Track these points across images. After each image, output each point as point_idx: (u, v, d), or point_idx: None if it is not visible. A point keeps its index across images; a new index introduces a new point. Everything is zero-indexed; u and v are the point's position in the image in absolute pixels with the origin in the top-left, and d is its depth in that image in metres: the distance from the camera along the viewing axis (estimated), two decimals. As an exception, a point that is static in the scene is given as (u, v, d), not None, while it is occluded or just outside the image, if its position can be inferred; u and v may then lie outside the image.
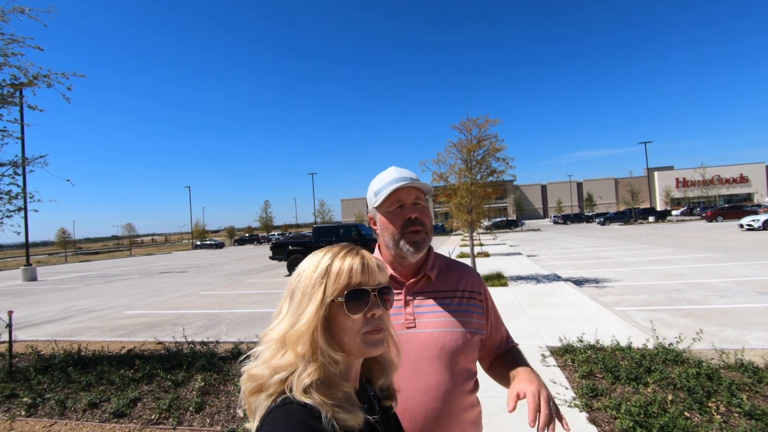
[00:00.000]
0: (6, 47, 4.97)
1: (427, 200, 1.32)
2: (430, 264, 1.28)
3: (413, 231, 1.21)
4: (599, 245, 21.41)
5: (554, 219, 61.45)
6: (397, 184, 1.20)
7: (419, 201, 1.25)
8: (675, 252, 15.87)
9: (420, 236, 1.22)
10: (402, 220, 1.21)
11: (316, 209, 59.38)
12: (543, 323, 6.49)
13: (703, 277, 10.20)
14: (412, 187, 1.22)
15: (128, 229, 66.84)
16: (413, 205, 1.23)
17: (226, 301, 11.09)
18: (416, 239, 1.21)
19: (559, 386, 3.94)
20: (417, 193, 1.24)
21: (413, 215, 1.21)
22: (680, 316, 6.77)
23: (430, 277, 1.26)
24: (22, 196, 5.62)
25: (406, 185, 1.21)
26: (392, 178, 1.24)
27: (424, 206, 1.26)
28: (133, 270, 25.55)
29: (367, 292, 0.81)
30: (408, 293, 1.24)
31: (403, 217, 1.21)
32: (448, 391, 1.15)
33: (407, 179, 1.23)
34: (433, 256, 1.31)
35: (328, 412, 0.73)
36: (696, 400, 3.35)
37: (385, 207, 1.24)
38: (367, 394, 0.91)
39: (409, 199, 1.23)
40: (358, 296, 0.80)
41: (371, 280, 0.83)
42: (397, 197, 1.22)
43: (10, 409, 4.06)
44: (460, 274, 1.31)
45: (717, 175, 70.03)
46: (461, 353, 1.18)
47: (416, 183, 1.22)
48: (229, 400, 3.99)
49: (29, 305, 12.54)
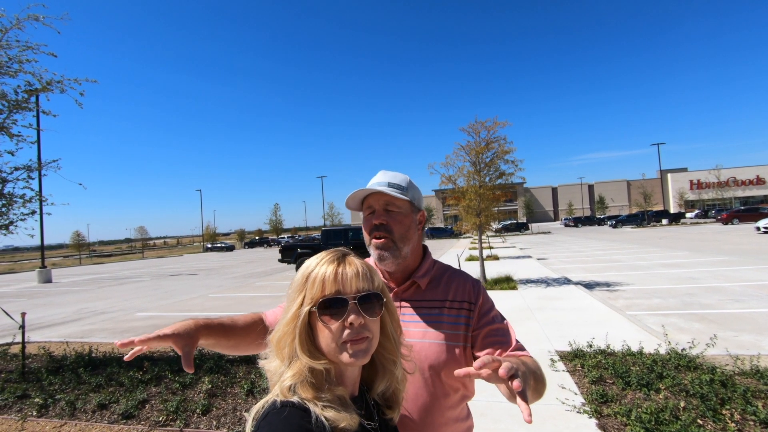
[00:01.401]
0: (21, 54, 5.09)
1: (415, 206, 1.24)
2: (422, 271, 1.23)
3: (377, 237, 1.17)
4: (611, 248, 21.12)
5: (565, 222, 60.86)
6: (367, 190, 1.17)
7: (391, 207, 1.19)
8: (689, 255, 15.58)
9: (384, 244, 1.16)
10: (370, 225, 1.19)
11: (326, 212, 59.88)
12: (552, 327, 6.40)
13: (718, 281, 9.99)
14: (382, 193, 1.18)
15: (141, 232, 67.77)
16: (384, 210, 1.18)
17: (235, 303, 11.16)
18: (378, 245, 1.17)
19: (568, 391, 3.88)
20: (388, 198, 1.18)
21: (377, 221, 1.17)
22: (693, 321, 6.64)
23: (420, 285, 1.22)
24: (37, 199, 5.73)
25: (375, 191, 1.17)
26: (371, 183, 1.22)
27: (397, 212, 1.19)
28: (144, 272, 25.87)
29: (342, 300, 0.80)
30: (395, 300, 1.20)
31: (371, 222, 1.19)
32: (425, 404, 1.12)
33: (383, 184, 1.19)
34: (429, 264, 1.26)
35: (317, 410, 0.74)
36: (709, 407, 3.26)
37: (363, 212, 1.24)
38: (367, 402, 0.89)
39: (377, 204, 1.19)
40: (333, 305, 0.80)
41: (348, 288, 0.81)
42: (368, 203, 1.21)
43: (22, 410, 4.12)
44: (455, 283, 1.24)
45: (732, 177, 68.69)
46: (444, 367, 1.12)
47: (387, 188, 1.17)
48: (236, 403, 4.00)
49: (43, 307, 12.77)
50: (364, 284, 0.82)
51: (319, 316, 0.79)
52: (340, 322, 0.79)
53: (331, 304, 0.79)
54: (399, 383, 0.92)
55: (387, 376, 0.90)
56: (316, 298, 0.79)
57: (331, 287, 0.80)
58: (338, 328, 0.79)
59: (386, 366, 0.90)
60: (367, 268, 0.86)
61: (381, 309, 0.85)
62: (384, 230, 1.17)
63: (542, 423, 3.39)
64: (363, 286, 0.82)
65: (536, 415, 3.54)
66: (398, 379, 0.91)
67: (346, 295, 0.80)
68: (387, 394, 0.92)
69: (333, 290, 0.80)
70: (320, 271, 0.82)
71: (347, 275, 0.82)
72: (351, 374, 0.85)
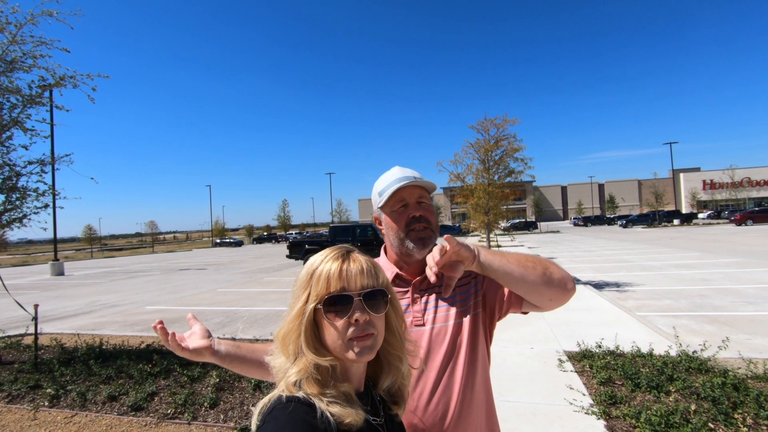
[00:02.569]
0: (35, 49, 5.15)
1: (432, 198, 1.31)
2: None
3: (418, 228, 1.21)
4: (621, 248, 20.89)
5: (574, 221, 60.33)
6: (400, 183, 1.20)
7: (423, 200, 1.24)
8: (701, 256, 15.36)
9: (426, 233, 1.22)
10: (406, 218, 1.22)
11: (334, 209, 59.91)
12: (561, 327, 6.35)
13: (731, 282, 9.83)
14: (415, 186, 1.22)
15: (151, 227, 68.73)
16: (417, 203, 1.23)
17: (244, 298, 11.25)
18: (422, 236, 1.21)
19: (576, 392, 3.85)
20: (420, 191, 1.24)
21: (417, 213, 1.21)
22: (705, 323, 6.54)
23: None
24: (50, 193, 5.81)
25: (409, 184, 1.21)
26: (396, 177, 1.24)
27: (428, 204, 1.26)
28: (155, 266, 26.17)
29: (347, 297, 0.80)
30: (415, 291, 1.24)
31: (408, 215, 1.22)
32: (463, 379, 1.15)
33: (410, 178, 1.22)
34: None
35: (322, 405, 0.74)
36: (721, 411, 3.21)
37: (389, 206, 1.25)
38: (372, 398, 0.89)
39: (412, 198, 1.23)
40: (338, 302, 0.80)
41: (353, 285, 0.81)
42: (400, 196, 1.22)
43: (34, 400, 4.19)
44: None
45: (747, 177, 67.41)
46: (471, 340, 1.18)
47: (419, 181, 1.22)
48: (243, 397, 4.03)
49: (56, 299, 12.99)
50: (368, 281, 0.82)
51: (325, 313, 0.79)
52: (345, 319, 0.79)
53: (336, 301, 0.79)
54: (405, 379, 0.92)
55: (392, 372, 0.90)
56: (321, 295, 0.80)
57: (336, 284, 0.80)
58: (344, 325, 0.79)
59: (391, 362, 0.90)
60: (372, 264, 0.86)
61: (386, 305, 0.85)
62: (424, 221, 1.22)
63: (550, 424, 3.37)
64: (368, 283, 0.82)
65: (544, 415, 3.52)
66: (404, 374, 0.91)
67: (350, 292, 0.80)
68: (393, 390, 0.92)
69: (338, 287, 0.80)
70: (325, 268, 0.82)
71: (352, 272, 0.81)
72: (356, 370, 0.85)
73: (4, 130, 5.21)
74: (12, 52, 5.04)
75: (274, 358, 0.83)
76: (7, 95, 5.16)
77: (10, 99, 5.20)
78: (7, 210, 5.42)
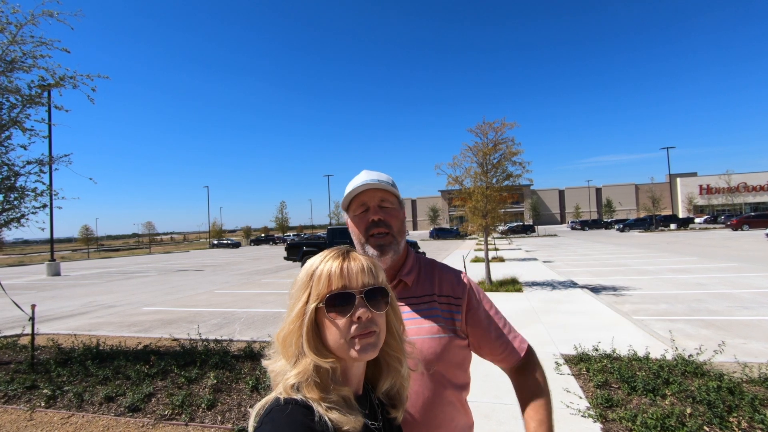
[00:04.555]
0: (35, 49, 5.15)
1: (401, 204, 1.26)
2: (407, 269, 1.23)
3: (377, 233, 1.17)
4: (618, 252, 20.95)
5: (572, 225, 60.41)
6: (360, 187, 1.17)
7: (385, 203, 1.20)
8: (697, 261, 15.42)
9: (385, 239, 1.17)
10: (366, 222, 1.18)
11: (332, 211, 59.76)
12: (557, 330, 6.37)
13: (727, 287, 9.88)
14: (377, 189, 1.18)
15: (148, 228, 68.37)
16: (378, 207, 1.19)
17: (241, 300, 11.23)
18: (380, 242, 1.17)
19: (572, 395, 3.86)
20: (383, 194, 1.19)
21: (376, 217, 1.17)
22: (701, 327, 6.57)
23: (407, 282, 1.21)
24: (48, 193, 5.80)
25: (370, 187, 1.17)
26: (360, 181, 1.20)
27: (391, 208, 1.21)
28: (151, 267, 26.09)
29: (350, 295, 0.80)
30: None
31: (367, 219, 1.18)
32: (426, 401, 1.11)
33: (374, 181, 1.18)
34: (412, 261, 1.26)
35: (320, 410, 0.74)
36: (716, 414, 3.23)
37: (352, 210, 1.22)
38: (371, 401, 0.89)
39: (373, 201, 1.19)
40: (339, 300, 0.80)
41: (354, 283, 0.81)
42: (361, 200, 1.19)
43: (31, 400, 4.18)
44: (439, 276, 1.25)
45: (743, 182, 67.76)
46: (439, 361, 1.12)
47: (381, 184, 1.17)
48: (241, 399, 4.02)
49: (52, 299, 12.93)
50: (369, 279, 0.82)
51: (327, 312, 0.79)
52: (347, 317, 0.79)
53: (337, 299, 0.79)
54: (404, 381, 0.91)
55: (392, 374, 0.89)
56: (323, 294, 0.79)
57: (337, 282, 0.80)
58: (346, 323, 0.79)
59: (391, 364, 0.89)
60: (372, 263, 0.86)
61: (386, 304, 0.85)
62: (383, 225, 1.17)
63: (546, 426, 3.37)
64: (369, 281, 0.82)
65: (540, 418, 3.52)
66: (403, 376, 0.91)
67: (352, 290, 0.80)
68: (392, 393, 0.92)
69: (339, 285, 0.80)
70: (326, 267, 0.82)
71: (353, 270, 0.82)
72: (356, 372, 0.85)
73: (3, 129, 5.21)
74: (12, 52, 5.04)
75: (273, 361, 0.82)
76: (6, 95, 5.16)
77: (10, 99, 5.20)
78: (5, 210, 5.41)
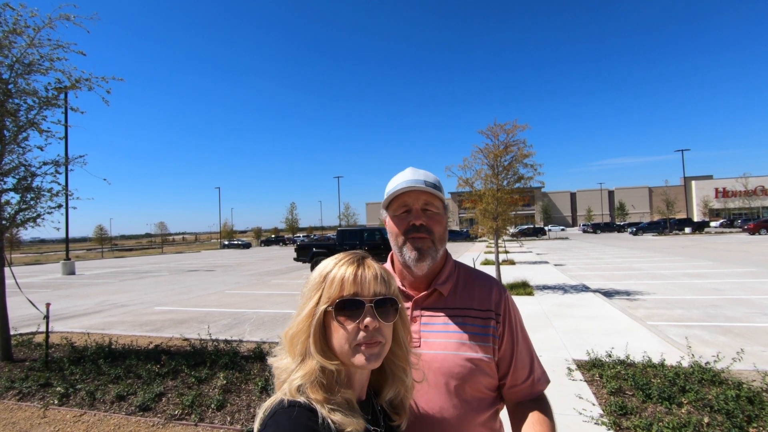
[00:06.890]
0: (52, 52, 5.25)
1: (446, 208, 1.18)
2: (444, 277, 1.16)
3: (417, 237, 1.09)
4: (631, 256, 20.64)
5: (583, 227, 59.81)
6: (404, 187, 1.09)
7: (429, 207, 1.12)
8: (713, 266, 15.10)
9: (424, 243, 1.09)
10: (406, 225, 1.11)
11: (341, 212, 60.02)
12: (569, 335, 6.28)
13: (745, 293, 9.65)
14: (422, 191, 1.10)
15: (161, 228, 69.18)
16: (422, 210, 1.11)
17: (251, 300, 11.29)
18: (419, 245, 1.09)
19: (585, 402, 3.79)
20: (428, 197, 1.11)
21: (418, 222, 1.09)
22: (718, 334, 6.42)
23: (442, 292, 1.14)
24: (63, 193, 5.90)
25: (415, 188, 1.09)
26: (404, 179, 1.12)
27: (435, 213, 1.12)
28: (164, 267, 26.41)
29: (359, 302, 0.80)
30: (415, 308, 1.13)
31: (408, 222, 1.10)
32: (453, 420, 1.04)
33: (419, 182, 1.10)
34: (450, 269, 1.18)
35: (324, 411, 0.74)
36: (735, 424, 3.14)
37: (392, 210, 1.14)
38: (374, 407, 0.89)
39: (417, 203, 1.11)
40: (349, 306, 0.80)
41: (366, 291, 0.81)
42: (403, 201, 1.11)
43: (44, 398, 4.24)
44: (479, 289, 1.16)
45: (761, 186, 66.27)
46: (469, 380, 1.05)
47: (427, 188, 1.09)
48: (250, 400, 4.03)
49: (67, 298, 13.15)
50: (381, 288, 0.83)
51: (336, 316, 0.80)
52: (355, 323, 0.79)
53: (348, 305, 0.80)
54: (408, 391, 0.92)
55: (396, 383, 0.90)
56: (334, 298, 0.80)
57: (349, 288, 0.80)
58: (353, 329, 0.79)
59: (396, 373, 0.89)
60: (385, 272, 0.86)
61: (395, 315, 0.85)
62: (425, 231, 1.10)
63: (558, 433, 3.32)
64: (380, 290, 0.82)
65: (552, 424, 3.47)
66: (407, 387, 0.91)
67: (363, 298, 0.80)
68: (395, 402, 0.92)
69: (351, 291, 0.80)
70: (339, 271, 0.82)
71: (366, 278, 0.82)
72: (360, 377, 0.86)
73: (21, 131, 5.31)
74: (30, 55, 5.15)
75: (279, 359, 0.83)
76: (24, 97, 5.26)
77: (27, 101, 5.31)
78: (22, 210, 5.51)
